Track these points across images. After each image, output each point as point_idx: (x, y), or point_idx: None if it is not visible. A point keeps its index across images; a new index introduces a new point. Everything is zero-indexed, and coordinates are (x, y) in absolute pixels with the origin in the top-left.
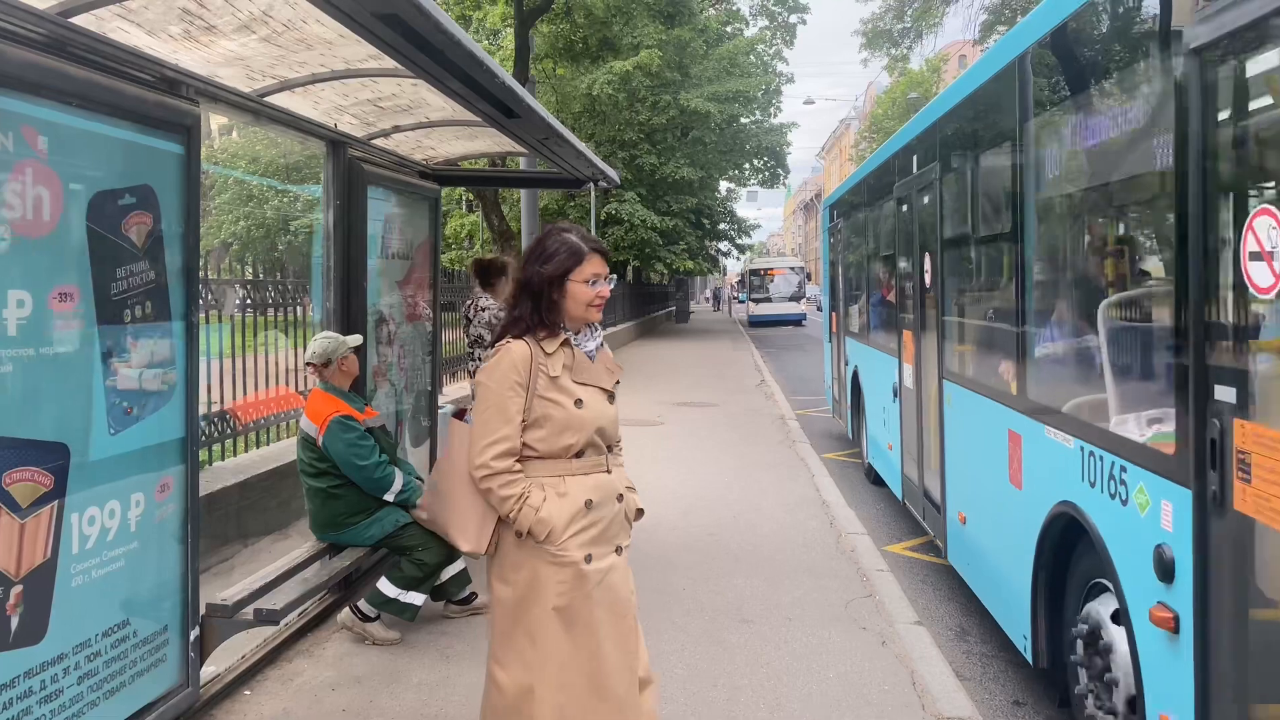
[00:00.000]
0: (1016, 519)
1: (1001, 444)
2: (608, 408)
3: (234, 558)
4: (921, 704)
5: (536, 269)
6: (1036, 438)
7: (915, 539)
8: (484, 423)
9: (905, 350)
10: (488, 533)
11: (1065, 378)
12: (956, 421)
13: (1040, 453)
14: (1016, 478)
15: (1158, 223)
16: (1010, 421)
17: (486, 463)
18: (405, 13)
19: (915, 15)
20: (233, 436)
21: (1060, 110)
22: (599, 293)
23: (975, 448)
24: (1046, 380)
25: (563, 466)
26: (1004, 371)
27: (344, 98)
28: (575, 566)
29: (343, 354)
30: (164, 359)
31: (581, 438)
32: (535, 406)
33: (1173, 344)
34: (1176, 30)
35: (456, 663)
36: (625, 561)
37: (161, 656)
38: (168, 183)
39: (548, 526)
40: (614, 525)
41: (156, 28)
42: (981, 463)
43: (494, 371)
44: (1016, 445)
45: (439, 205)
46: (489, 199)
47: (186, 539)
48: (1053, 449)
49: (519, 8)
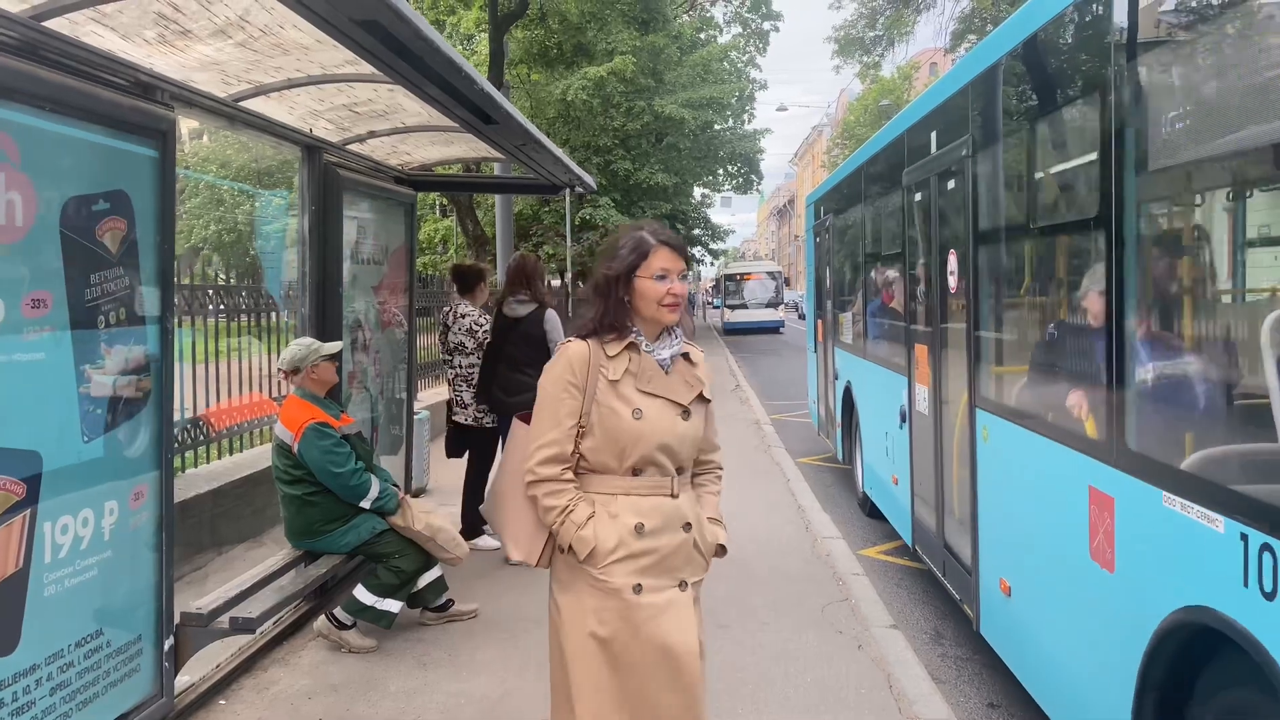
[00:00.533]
0: (1106, 613)
1: (1076, 505)
2: (678, 424)
3: (208, 566)
4: (898, 707)
5: (604, 267)
6: (1145, 507)
7: (890, 543)
8: (535, 426)
9: (918, 368)
10: (539, 544)
11: (1197, 421)
12: (997, 465)
13: (1152, 529)
14: (1105, 556)
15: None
16: (1094, 477)
17: (533, 468)
18: (385, 19)
19: (887, 23)
20: (206, 443)
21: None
22: (670, 290)
23: (1029, 502)
24: (1162, 423)
25: (618, 484)
26: (1080, 405)
27: (320, 103)
28: (619, 595)
29: (313, 362)
30: (138, 365)
31: (638, 453)
32: (592, 411)
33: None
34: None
35: (434, 670)
36: (692, 600)
37: (135, 667)
38: (142, 188)
39: (588, 546)
40: (677, 557)
41: (131, 32)
42: (1040, 524)
43: (549, 372)
44: (1105, 511)
45: (414, 211)
46: (463, 204)
47: (161, 547)
48: (1178, 527)
49: (493, 13)
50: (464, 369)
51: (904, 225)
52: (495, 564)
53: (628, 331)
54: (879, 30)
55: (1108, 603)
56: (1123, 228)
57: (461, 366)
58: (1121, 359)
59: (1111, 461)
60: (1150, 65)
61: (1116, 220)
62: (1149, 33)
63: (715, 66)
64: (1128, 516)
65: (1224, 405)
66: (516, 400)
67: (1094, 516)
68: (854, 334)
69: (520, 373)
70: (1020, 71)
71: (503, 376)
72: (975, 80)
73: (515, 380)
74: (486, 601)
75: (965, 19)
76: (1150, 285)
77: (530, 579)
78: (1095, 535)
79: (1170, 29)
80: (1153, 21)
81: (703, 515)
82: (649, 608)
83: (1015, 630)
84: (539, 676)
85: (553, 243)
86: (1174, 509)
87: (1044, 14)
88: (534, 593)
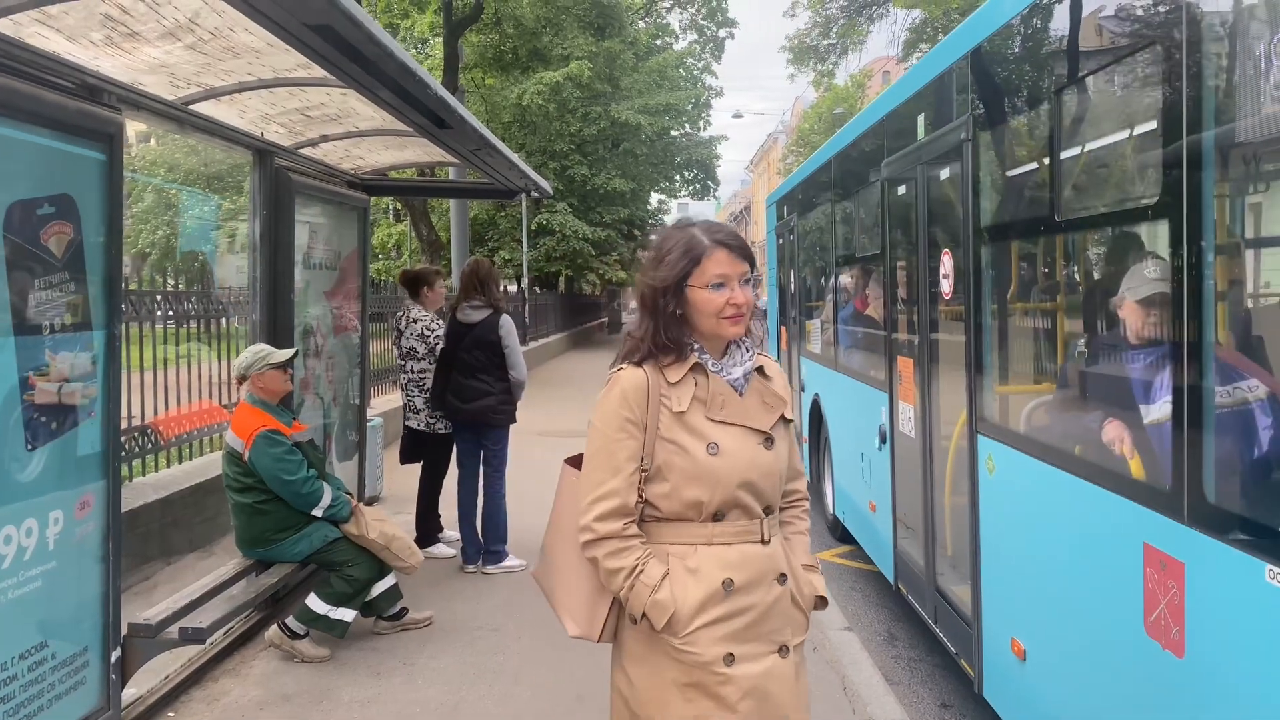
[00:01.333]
0: (1174, 708)
1: (1126, 566)
2: (762, 455)
3: (157, 576)
4: (852, 708)
5: (649, 277)
6: (1235, 581)
7: (845, 546)
8: (588, 473)
9: (901, 383)
10: (601, 614)
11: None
12: (1006, 502)
13: (1245, 609)
14: (1168, 635)
15: None
16: (1153, 533)
17: (589, 524)
18: (338, 24)
19: (840, 32)
20: (156, 451)
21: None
22: (730, 299)
23: (1053, 553)
24: (1249, 474)
25: (695, 532)
26: (1124, 438)
27: (271, 106)
28: (709, 669)
29: (259, 369)
30: (84, 372)
31: (718, 495)
32: (657, 451)
33: None
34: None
35: (388, 679)
36: (795, 666)
37: (81, 679)
38: (89, 191)
39: (667, 611)
40: (773, 615)
41: (77, 34)
42: (1069, 582)
43: (601, 408)
44: (1171, 580)
45: (368, 215)
46: (417, 208)
47: (108, 557)
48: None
49: (448, 17)
50: (416, 374)
51: (884, 223)
52: (450, 572)
53: (688, 350)
54: (833, 39)
55: (1177, 696)
56: (1200, 215)
57: (414, 372)
58: (1197, 380)
59: (1181, 517)
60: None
61: (1189, 206)
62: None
63: (671, 73)
64: (1206, 590)
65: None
66: (471, 407)
67: (1152, 584)
68: (823, 343)
69: (475, 379)
70: (1038, 27)
71: (456, 383)
72: (977, 49)
73: (470, 387)
74: (441, 609)
75: (917, 29)
76: (1233, 285)
77: (485, 587)
78: (1155, 609)
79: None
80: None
81: (795, 563)
82: (745, 679)
83: (1035, 703)
84: (493, 684)
85: (509, 248)
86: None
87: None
88: (488, 600)
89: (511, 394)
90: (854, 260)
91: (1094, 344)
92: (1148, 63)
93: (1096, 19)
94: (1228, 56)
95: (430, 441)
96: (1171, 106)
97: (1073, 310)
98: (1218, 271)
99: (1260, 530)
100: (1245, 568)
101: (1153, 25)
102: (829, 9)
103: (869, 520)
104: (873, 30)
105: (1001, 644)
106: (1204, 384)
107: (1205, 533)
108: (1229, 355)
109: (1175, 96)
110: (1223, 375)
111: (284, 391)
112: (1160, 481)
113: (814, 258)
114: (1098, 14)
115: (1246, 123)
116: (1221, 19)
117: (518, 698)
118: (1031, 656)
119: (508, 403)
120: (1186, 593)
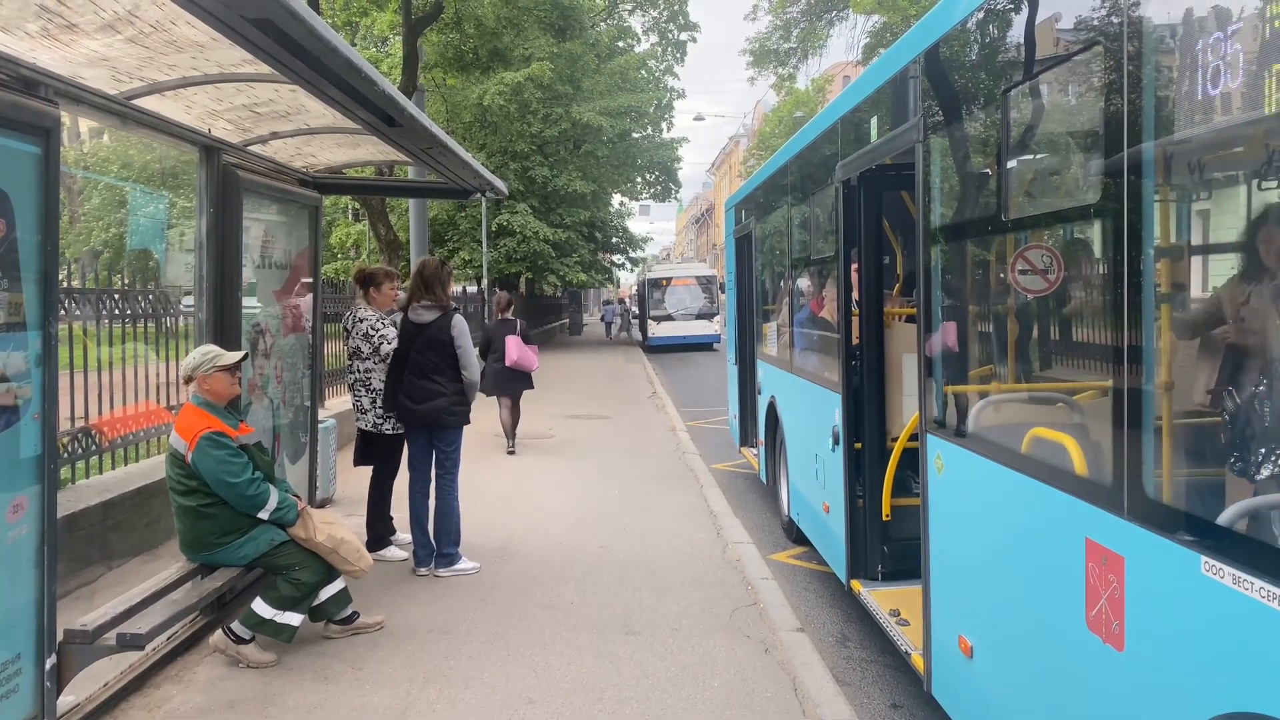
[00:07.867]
0: (1114, 700)
1: (1067, 561)
2: None
3: (98, 581)
4: (803, 710)
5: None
6: (1173, 574)
7: (799, 548)
8: None
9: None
10: None
11: (1249, 462)
12: (953, 501)
13: (1182, 601)
14: (1108, 628)
15: None
16: (1094, 529)
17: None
18: (278, 17)
19: (800, 36)
20: (99, 453)
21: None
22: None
23: (998, 550)
24: (1197, 462)
25: None
26: (1066, 438)
27: (218, 102)
28: None
29: (206, 370)
30: (18, 372)
31: None
32: None
33: None
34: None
35: (335, 684)
36: None
37: (14, 687)
38: (23, 187)
39: None
40: None
41: (11, 24)
42: (1014, 578)
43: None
44: (1110, 572)
45: (320, 214)
46: (375, 208)
47: (43, 562)
48: (1227, 605)
49: (408, 16)
50: (361, 373)
51: (837, 225)
52: (401, 575)
53: None
54: (793, 42)
55: (1116, 688)
56: (1140, 216)
57: (360, 371)
58: (1137, 374)
59: (1121, 511)
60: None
61: (1129, 208)
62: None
63: (633, 75)
64: (1145, 584)
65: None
66: (423, 408)
67: (1094, 578)
68: (779, 345)
69: (427, 380)
70: (988, 30)
71: (409, 383)
72: (930, 50)
73: (422, 387)
74: (392, 613)
75: (876, 33)
76: (1174, 284)
77: (437, 590)
78: (1096, 602)
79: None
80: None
81: None
82: None
83: (982, 700)
84: (443, 688)
85: (469, 248)
86: (1228, 584)
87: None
88: (439, 603)
89: (465, 395)
90: (809, 263)
91: (1042, 343)
92: (1094, 66)
93: (1044, 22)
94: (1171, 62)
95: (378, 442)
96: (1113, 110)
97: (1021, 310)
98: (1158, 271)
99: (1196, 523)
100: (1182, 560)
101: (1098, 29)
102: (789, 12)
103: (823, 522)
104: (832, 34)
105: (949, 642)
106: (1144, 382)
107: (1144, 526)
108: (1169, 352)
109: (1118, 99)
110: (1163, 372)
111: (231, 394)
112: (1102, 477)
113: (771, 261)
114: (1045, 17)
115: (1189, 127)
116: (1168, 25)
117: (467, 702)
118: (978, 653)
119: (461, 404)
120: (1126, 586)
